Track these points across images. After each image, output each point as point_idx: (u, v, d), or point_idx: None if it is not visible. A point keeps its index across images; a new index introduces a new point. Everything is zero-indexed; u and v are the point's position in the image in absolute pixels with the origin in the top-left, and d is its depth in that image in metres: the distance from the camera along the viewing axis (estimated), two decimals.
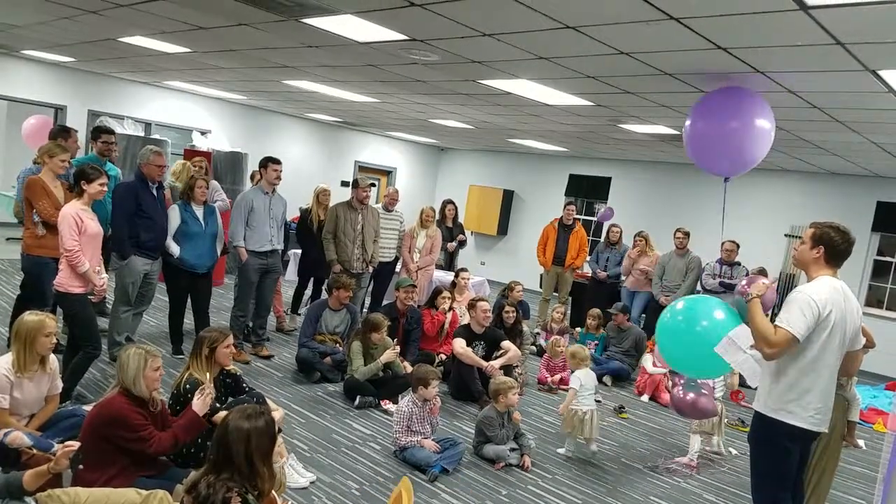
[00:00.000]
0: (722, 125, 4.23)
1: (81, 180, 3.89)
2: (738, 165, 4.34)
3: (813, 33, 3.27)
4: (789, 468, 2.89)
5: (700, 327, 3.43)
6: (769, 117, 4.26)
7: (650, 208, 10.96)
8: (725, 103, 4.30)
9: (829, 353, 2.79)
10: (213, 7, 4.50)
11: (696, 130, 4.38)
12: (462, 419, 4.97)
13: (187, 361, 3.58)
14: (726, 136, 4.21)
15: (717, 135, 4.26)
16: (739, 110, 4.23)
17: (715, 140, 4.29)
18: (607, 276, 8.09)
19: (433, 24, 4.11)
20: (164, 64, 7.52)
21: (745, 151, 4.25)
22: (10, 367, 3.15)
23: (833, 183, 9.19)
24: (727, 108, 4.26)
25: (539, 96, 6.19)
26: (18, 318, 3.25)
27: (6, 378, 3.12)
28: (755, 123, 4.20)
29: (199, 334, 3.67)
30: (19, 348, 3.17)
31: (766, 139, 4.26)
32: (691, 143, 4.44)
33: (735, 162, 4.32)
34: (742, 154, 4.26)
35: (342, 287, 5.49)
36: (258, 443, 2.27)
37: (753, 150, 4.26)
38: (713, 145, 4.31)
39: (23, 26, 6.27)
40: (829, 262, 2.88)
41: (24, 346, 3.16)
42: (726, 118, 4.23)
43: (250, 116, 11.35)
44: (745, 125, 4.20)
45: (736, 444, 5.18)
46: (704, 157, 4.42)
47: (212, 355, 3.52)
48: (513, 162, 13.26)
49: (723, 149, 4.27)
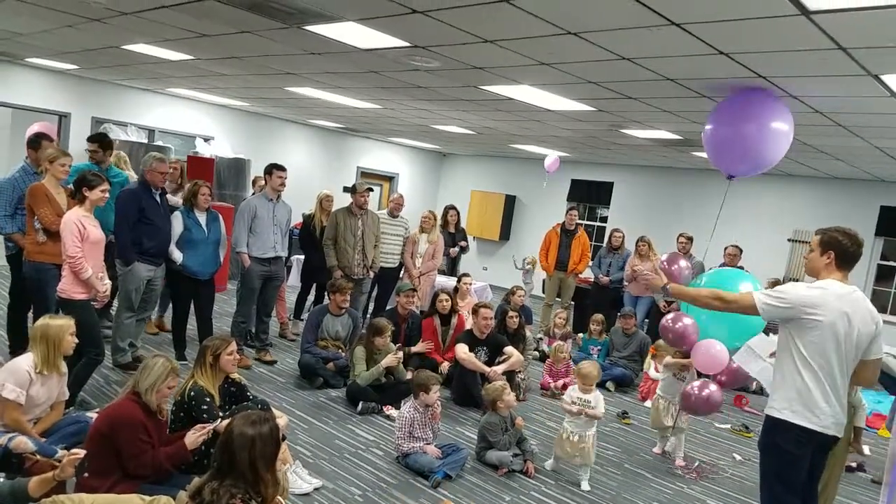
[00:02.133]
0: (741, 127, 4.37)
1: (83, 187, 3.90)
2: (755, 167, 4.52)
3: (815, 38, 3.27)
4: (798, 474, 2.85)
5: None
6: (788, 120, 4.36)
7: (652, 213, 10.96)
8: (746, 105, 4.43)
9: (825, 356, 2.75)
10: (215, 15, 4.52)
11: (718, 132, 4.53)
12: (465, 425, 4.96)
13: (191, 370, 3.59)
14: (745, 138, 4.34)
15: (737, 136, 4.38)
16: (759, 112, 4.35)
17: (735, 141, 4.40)
18: (610, 282, 8.08)
19: (435, 30, 4.12)
20: (167, 71, 7.55)
21: (763, 153, 4.37)
22: (33, 365, 3.22)
23: (836, 187, 9.18)
24: (747, 110, 4.40)
25: (541, 102, 6.20)
26: (42, 323, 3.33)
27: (28, 374, 3.20)
28: (773, 126, 4.33)
29: (203, 343, 3.67)
30: (46, 349, 3.26)
31: (784, 141, 4.37)
32: (710, 142, 4.59)
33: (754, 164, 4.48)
34: (760, 156, 4.39)
35: (338, 291, 5.50)
36: (262, 449, 2.26)
37: (771, 152, 4.38)
38: (733, 146, 4.42)
39: (26, 34, 6.31)
40: (840, 267, 2.87)
41: (52, 346, 3.27)
42: (745, 120, 4.37)
43: (253, 123, 11.39)
44: (763, 127, 4.33)
45: (739, 449, 5.16)
46: (722, 157, 4.56)
47: (216, 363, 3.52)
48: (515, 167, 13.27)
49: (742, 150, 4.39)
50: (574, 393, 4.25)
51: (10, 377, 3.16)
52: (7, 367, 3.25)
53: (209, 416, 3.35)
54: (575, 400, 4.20)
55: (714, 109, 4.63)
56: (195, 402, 3.35)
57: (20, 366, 3.21)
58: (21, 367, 3.20)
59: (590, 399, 4.19)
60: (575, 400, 4.20)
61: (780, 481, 2.87)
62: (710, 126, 4.56)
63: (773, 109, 4.36)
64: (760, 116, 4.33)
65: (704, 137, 4.64)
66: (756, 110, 4.35)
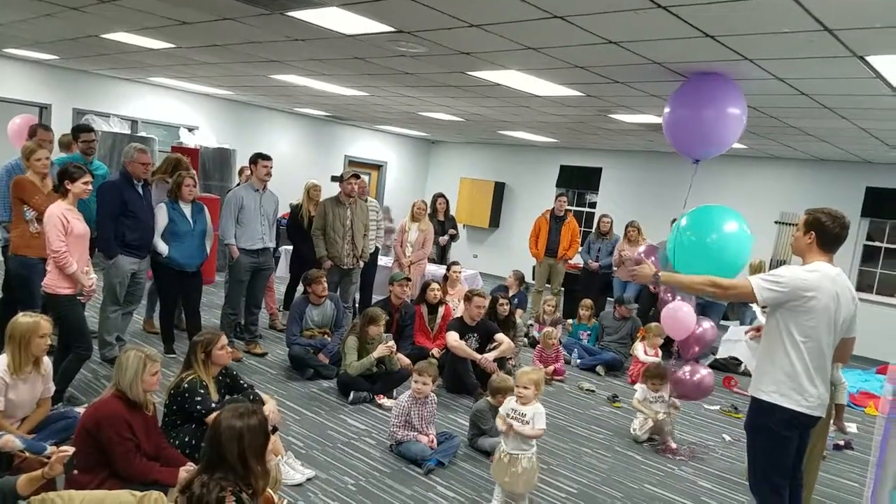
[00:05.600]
0: (695, 111, 4.49)
1: (65, 180, 3.84)
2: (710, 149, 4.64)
3: (800, 20, 3.26)
4: (787, 454, 2.89)
5: (710, 240, 3.76)
6: (740, 103, 4.46)
7: (641, 198, 10.98)
8: (699, 90, 4.55)
9: (816, 338, 2.77)
10: (195, 2, 4.44)
11: (674, 116, 4.67)
12: (457, 412, 4.97)
13: (182, 364, 3.56)
14: (699, 122, 4.46)
15: (691, 120, 4.50)
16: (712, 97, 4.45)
17: (689, 125, 4.53)
18: (599, 267, 8.11)
19: (419, 15, 4.07)
20: (148, 60, 7.43)
21: (716, 136, 4.50)
22: (6, 369, 3.14)
23: (822, 169, 9.23)
24: (700, 95, 4.52)
25: (528, 87, 6.17)
26: (12, 320, 3.24)
27: (1, 380, 3.12)
28: (727, 110, 4.43)
29: (192, 339, 3.64)
30: (14, 350, 3.16)
31: (737, 125, 4.47)
32: (669, 128, 4.73)
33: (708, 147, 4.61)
34: (713, 139, 4.53)
35: (313, 282, 5.49)
36: (251, 441, 2.25)
37: (724, 135, 4.50)
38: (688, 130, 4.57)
39: (4, 24, 6.18)
40: (822, 248, 2.87)
41: (19, 347, 3.16)
42: (700, 105, 4.48)
43: (238, 112, 11.26)
44: (717, 111, 4.43)
45: (729, 430, 5.21)
46: (679, 141, 4.72)
47: (208, 358, 3.50)
48: (504, 154, 13.24)
49: (696, 134, 4.52)
50: (510, 404, 3.49)
51: None
52: None
53: (203, 408, 3.34)
54: (510, 412, 3.43)
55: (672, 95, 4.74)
56: (188, 395, 3.34)
57: None
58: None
59: (525, 412, 3.39)
60: (510, 412, 3.43)
61: (769, 462, 2.90)
62: (668, 109, 4.69)
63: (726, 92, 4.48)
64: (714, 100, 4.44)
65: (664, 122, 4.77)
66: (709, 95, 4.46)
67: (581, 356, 6.79)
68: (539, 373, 3.63)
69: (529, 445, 3.39)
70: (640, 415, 4.80)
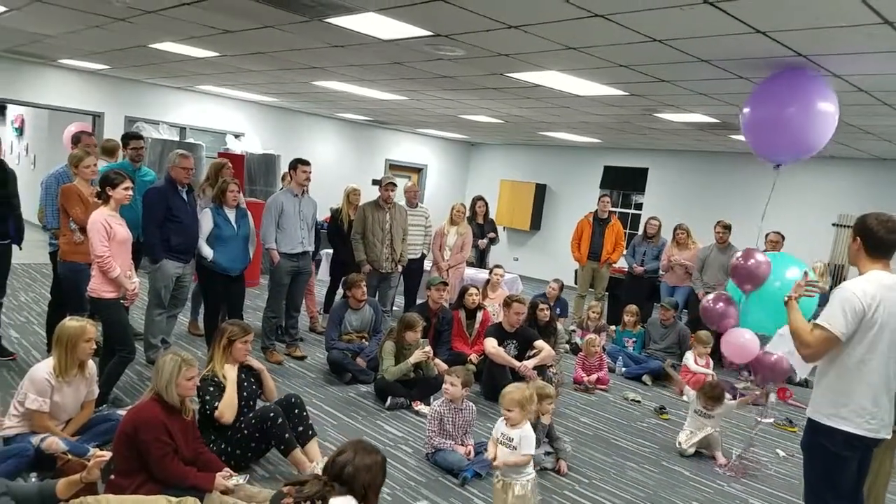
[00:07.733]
0: (781, 110, 4.12)
1: (107, 186, 3.93)
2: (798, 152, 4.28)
3: (859, 13, 3.07)
4: (845, 476, 2.70)
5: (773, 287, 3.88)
6: (832, 100, 4.12)
7: (690, 199, 10.66)
8: (786, 87, 4.18)
9: (879, 354, 2.59)
10: (236, 10, 4.50)
11: (755, 117, 4.30)
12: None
13: (209, 352, 3.60)
14: (786, 122, 4.10)
15: (778, 120, 4.13)
16: (800, 94, 4.11)
17: (775, 126, 4.16)
18: (644, 271, 7.88)
19: (457, 18, 4.02)
20: (195, 69, 7.61)
21: (806, 137, 4.14)
22: (52, 372, 3.23)
23: (881, 168, 8.76)
24: (787, 93, 4.15)
25: (569, 87, 6.04)
26: (60, 324, 3.34)
27: (47, 382, 3.20)
28: (817, 107, 4.08)
29: (221, 325, 3.69)
30: (60, 353, 3.25)
31: (830, 123, 4.14)
32: (749, 129, 4.37)
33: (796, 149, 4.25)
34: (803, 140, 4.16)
35: (352, 286, 5.49)
36: (375, 476, 2.33)
37: (815, 136, 4.14)
38: (773, 131, 4.19)
39: (55, 36, 6.41)
40: (872, 255, 2.68)
41: (66, 351, 3.25)
42: (786, 103, 4.11)
43: (282, 118, 11.45)
44: (805, 109, 4.08)
45: (784, 444, 4.96)
46: (762, 144, 4.34)
47: (229, 346, 3.52)
48: (545, 155, 13.06)
49: (783, 135, 4.16)
50: (500, 427, 3.21)
51: (31, 387, 3.17)
52: (28, 376, 3.25)
53: (211, 403, 3.37)
54: (498, 437, 3.17)
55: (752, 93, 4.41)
56: (200, 391, 3.37)
57: (40, 374, 3.21)
58: (40, 376, 3.20)
59: (513, 436, 3.11)
60: (498, 437, 3.17)
61: (826, 483, 2.72)
62: (747, 109, 4.35)
63: (816, 89, 4.12)
64: (803, 97, 4.09)
65: (742, 123, 4.44)
66: (798, 91, 4.11)
67: (626, 364, 6.59)
68: (523, 391, 3.20)
69: (523, 470, 3.12)
70: (687, 428, 4.62)
